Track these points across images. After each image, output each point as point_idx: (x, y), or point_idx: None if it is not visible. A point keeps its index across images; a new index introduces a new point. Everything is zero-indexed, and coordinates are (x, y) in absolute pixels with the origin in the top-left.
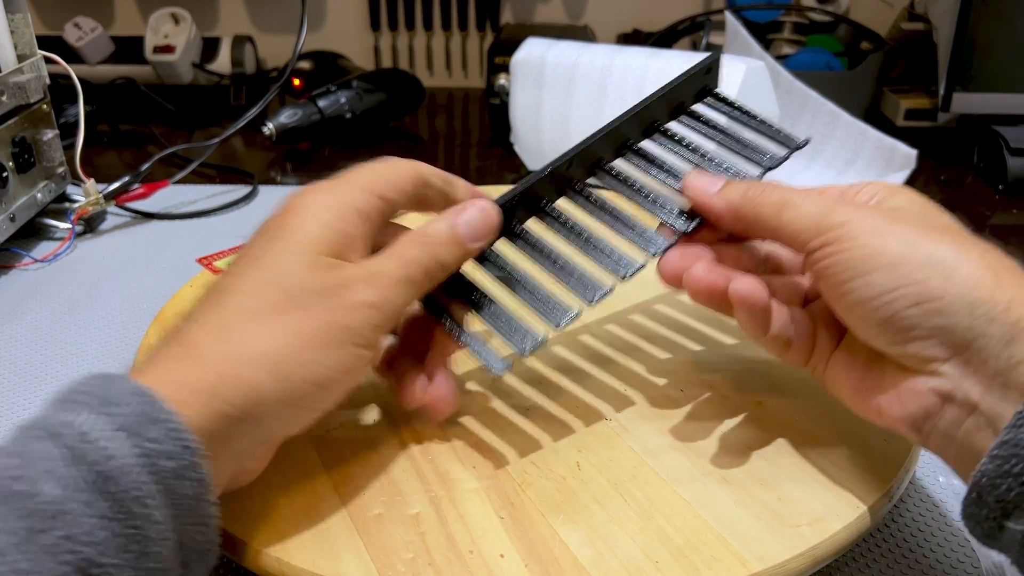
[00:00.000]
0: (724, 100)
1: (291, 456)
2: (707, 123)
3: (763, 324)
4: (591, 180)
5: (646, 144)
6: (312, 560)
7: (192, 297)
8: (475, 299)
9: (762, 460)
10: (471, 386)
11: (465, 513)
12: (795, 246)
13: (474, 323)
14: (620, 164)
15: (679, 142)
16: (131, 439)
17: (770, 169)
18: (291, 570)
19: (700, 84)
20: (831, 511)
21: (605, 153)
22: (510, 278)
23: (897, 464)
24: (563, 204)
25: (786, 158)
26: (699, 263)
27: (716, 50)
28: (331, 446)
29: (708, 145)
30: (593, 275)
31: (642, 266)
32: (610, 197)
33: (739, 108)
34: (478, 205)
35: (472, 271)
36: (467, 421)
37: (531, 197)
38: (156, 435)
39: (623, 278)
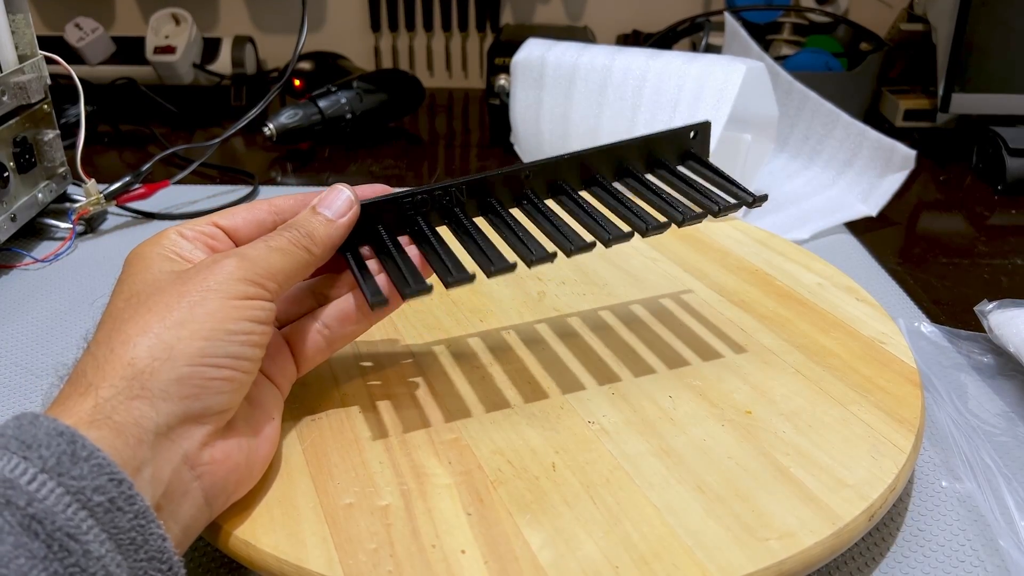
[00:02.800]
0: (707, 165)
1: None
2: (679, 177)
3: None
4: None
5: (614, 184)
6: (277, 545)
7: None
8: (387, 248)
9: (742, 471)
10: (456, 383)
11: (433, 507)
12: None
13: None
14: (584, 193)
15: (642, 183)
16: (55, 479)
17: (717, 215)
18: (257, 554)
19: (686, 146)
20: (805, 526)
21: (571, 177)
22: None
23: (883, 483)
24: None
25: (736, 208)
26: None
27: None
28: (312, 434)
29: (670, 190)
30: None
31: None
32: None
33: (717, 172)
34: (332, 186)
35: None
36: (450, 417)
37: (481, 188)
38: (81, 472)
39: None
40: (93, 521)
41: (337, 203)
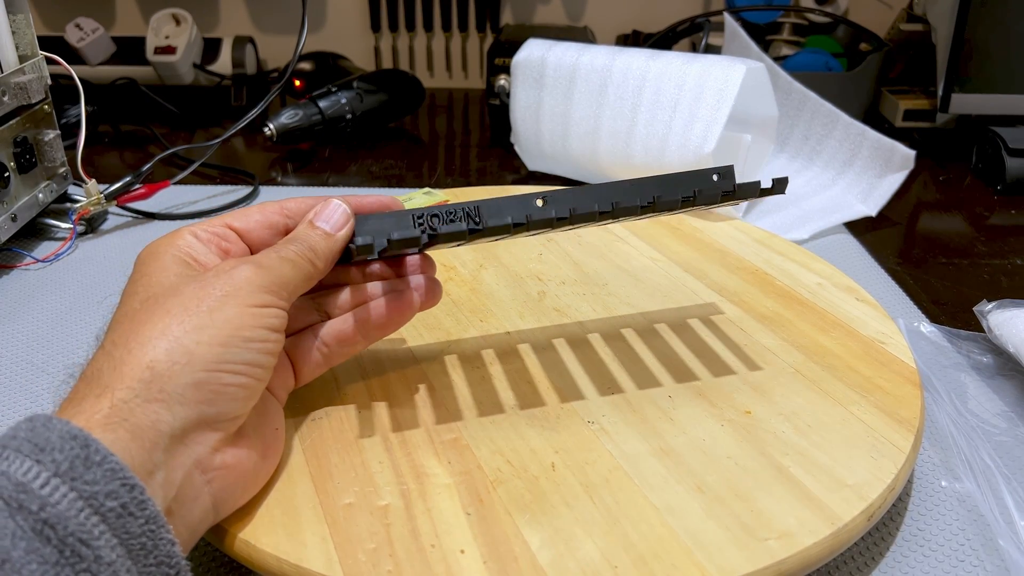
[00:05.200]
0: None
1: None
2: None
3: None
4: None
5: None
6: (278, 545)
7: None
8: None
9: (741, 471)
10: (456, 383)
11: (433, 507)
12: None
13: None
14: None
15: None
16: (68, 484)
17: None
18: (257, 553)
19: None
20: (804, 527)
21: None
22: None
23: (882, 483)
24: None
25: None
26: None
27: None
28: (313, 434)
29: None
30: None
31: None
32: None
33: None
34: (327, 200)
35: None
36: (449, 417)
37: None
38: (94, 477)
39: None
40: (105, 526)
41: (334, 217)
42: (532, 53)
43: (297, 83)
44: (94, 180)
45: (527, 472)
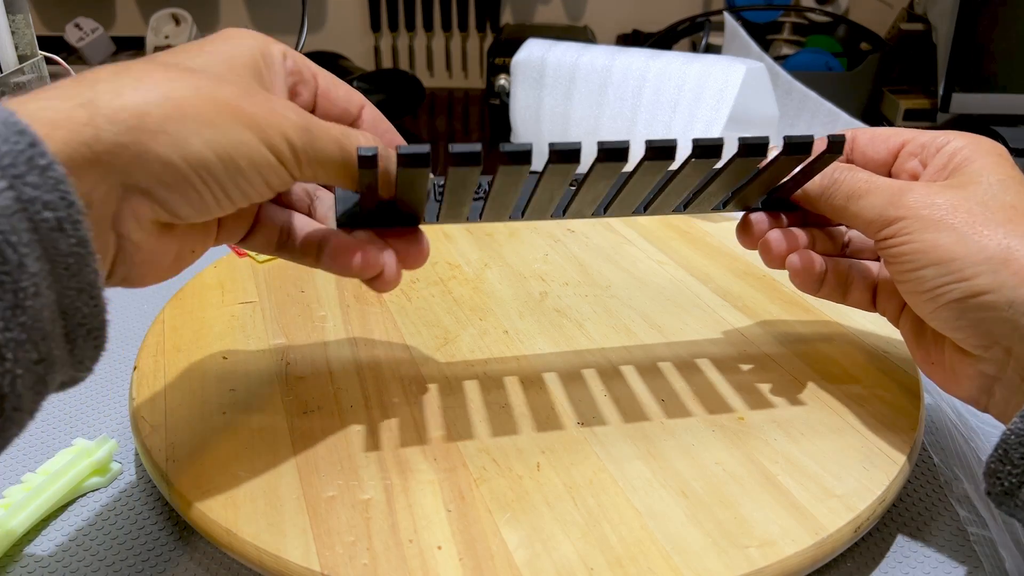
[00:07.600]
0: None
1: (260, 431)
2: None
3: (813, 287)
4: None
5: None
6: (258, 534)
7: (215, 278)
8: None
9: (728, 477)
10: (450, 381)
11: (414, 503)
12: (866, 234)
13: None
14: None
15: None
16: (7, 180)
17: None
18: (236, 541)
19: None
20: (787, 535)
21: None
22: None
23: (871, 495)
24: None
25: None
26: (794, 252)
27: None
28: (303, 425)
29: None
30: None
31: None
32: None
33: None
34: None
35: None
36: (440, 414)
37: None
38: (35, 181)
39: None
40: (36, 236)
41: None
42: (532, 53)
43: None
44: None
45: (512, 471)
